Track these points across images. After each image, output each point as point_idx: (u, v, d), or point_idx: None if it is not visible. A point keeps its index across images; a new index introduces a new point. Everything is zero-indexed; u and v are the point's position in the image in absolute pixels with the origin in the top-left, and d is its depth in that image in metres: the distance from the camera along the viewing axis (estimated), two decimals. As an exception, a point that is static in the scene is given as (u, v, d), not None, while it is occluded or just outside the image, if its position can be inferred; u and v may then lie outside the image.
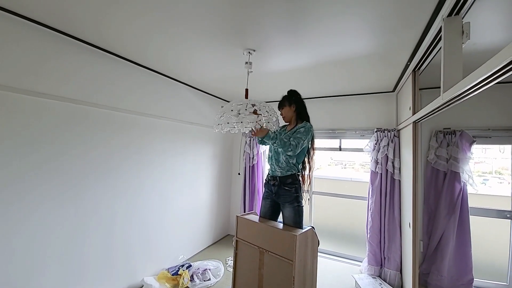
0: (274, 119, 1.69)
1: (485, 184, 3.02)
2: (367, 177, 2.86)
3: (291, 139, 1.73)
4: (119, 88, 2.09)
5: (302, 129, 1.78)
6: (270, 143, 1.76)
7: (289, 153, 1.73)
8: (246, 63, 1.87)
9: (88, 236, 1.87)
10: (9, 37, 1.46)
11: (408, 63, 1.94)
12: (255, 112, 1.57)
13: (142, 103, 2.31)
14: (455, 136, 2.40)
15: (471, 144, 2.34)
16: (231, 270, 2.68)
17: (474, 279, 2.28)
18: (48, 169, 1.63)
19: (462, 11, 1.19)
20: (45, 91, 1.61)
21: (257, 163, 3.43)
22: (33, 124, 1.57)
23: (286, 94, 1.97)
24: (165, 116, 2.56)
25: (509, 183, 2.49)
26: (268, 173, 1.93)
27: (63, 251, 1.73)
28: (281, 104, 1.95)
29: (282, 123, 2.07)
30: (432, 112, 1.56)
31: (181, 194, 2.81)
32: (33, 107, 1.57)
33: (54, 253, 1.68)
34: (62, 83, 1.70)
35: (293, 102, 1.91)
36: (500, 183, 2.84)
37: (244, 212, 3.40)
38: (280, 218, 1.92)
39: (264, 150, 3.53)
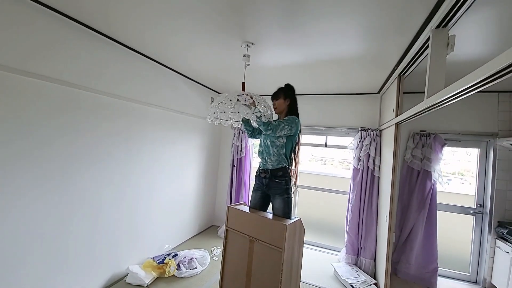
0: (269, 112, 1.72)
1: (449, 184, 3.32)
2: (346, 173, 3.02)
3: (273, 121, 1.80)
4: (115, 73, 2.04)
5: (286, 118, 1.86)
6: (253, 125, 1.85)
7: (268, 132, 1.76)
8: (244, 55, 1.88)
9: (73, 224, 1.82)
10: (10, 17, 1.39)
11: (395, 67, 2.07)
12: (253, 103, 1.61)
13: (134, 90, 2.24)
14: (429, 138, 2.62)
15: (443, 146, 2.57)
16: (217, 259, 2.75)
17: (439, 268, 2.55)
18: (35, 156, 1.56)
19: (449, 24, 1.30)
20: (43, 73, 1.56)
21: (245, 155, 3.47)
22: (28, 108, 1.51)
23: (283, 86, 1.98)
24: (156, 104, 2.50)
25: (470, 184, 2.78)
26: (259, 166, 1.98)
27: (47, 240, 1.67)
28: (276, 95, 1.95)
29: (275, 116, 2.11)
30: (415, 115, 1.70)
31: (168, 184, 2.79)
32: (30, 90, 1.51)
33: (38, 241, 1.62)
34: (60, 66, 1.66)
35: (288, 96, 1.94)
36: (462, 183, 3.13)
37: (231, 203, 3.44)
38: (270, 209, 2.00)
39: (253, 143, 3.58)
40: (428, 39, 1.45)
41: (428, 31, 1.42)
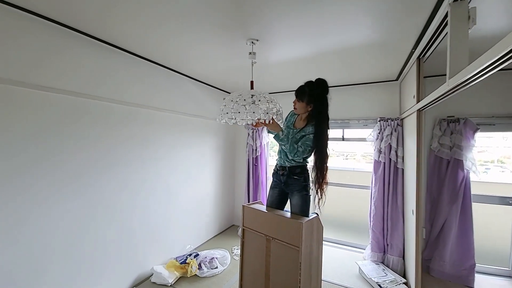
0: (275, 110, 1.67)
1: (487, 173, 3.03)
2: (369, 167, 2.88)
3: (299, 143, 1.71)
4: (121, 80, 2.09)
5: (311, 136, 1.70)
6: (277, 141, 1.78)
7: (295, 158, 1.75)
8: (250, 53, 1.86)
9: (94, 228, 1.90)
10: (13, 31, 1.45)
11: (413, 50, 1.93)
12: (273, 120, 1.61)
13: (144, 95, 2.31)
14: (459, 124, 2.40)
15: (474, 131, 2.35)
16: (238, 258, 2.76)
17: (476, 264, 2.32)
18: (51, 162, 1.63)
19: (469, -4, 1.18)
20: (49, 85, 1.61)
21: (260, 154, 3.45)
22: (36, 118, 1.57)
23: (312, 86, 1.71)
24: (167, 108, 2.57)
25: (511, 171, 2.50)
26: (277, 164, 1.94)
27: (69, 244, 1.74)
28: (299, 96, 1.74)
29: (284, 114, 1.99)
30: (437, 99, 1.56)
31: (185, 186, 2.86)
32: (36, 101, 1.57)
33: (60, 246, 1.69)
34: (65, 76, 1.70)
35: (312, 102, 1.70)
36: (502, 171, 2.84)
37: (249, 203, 3.44)
38: (287, 207, 1.95)
39: (268, 141, 3.54)
40: (446, 15, 1.33)
41: (446, 6, 1.29)
